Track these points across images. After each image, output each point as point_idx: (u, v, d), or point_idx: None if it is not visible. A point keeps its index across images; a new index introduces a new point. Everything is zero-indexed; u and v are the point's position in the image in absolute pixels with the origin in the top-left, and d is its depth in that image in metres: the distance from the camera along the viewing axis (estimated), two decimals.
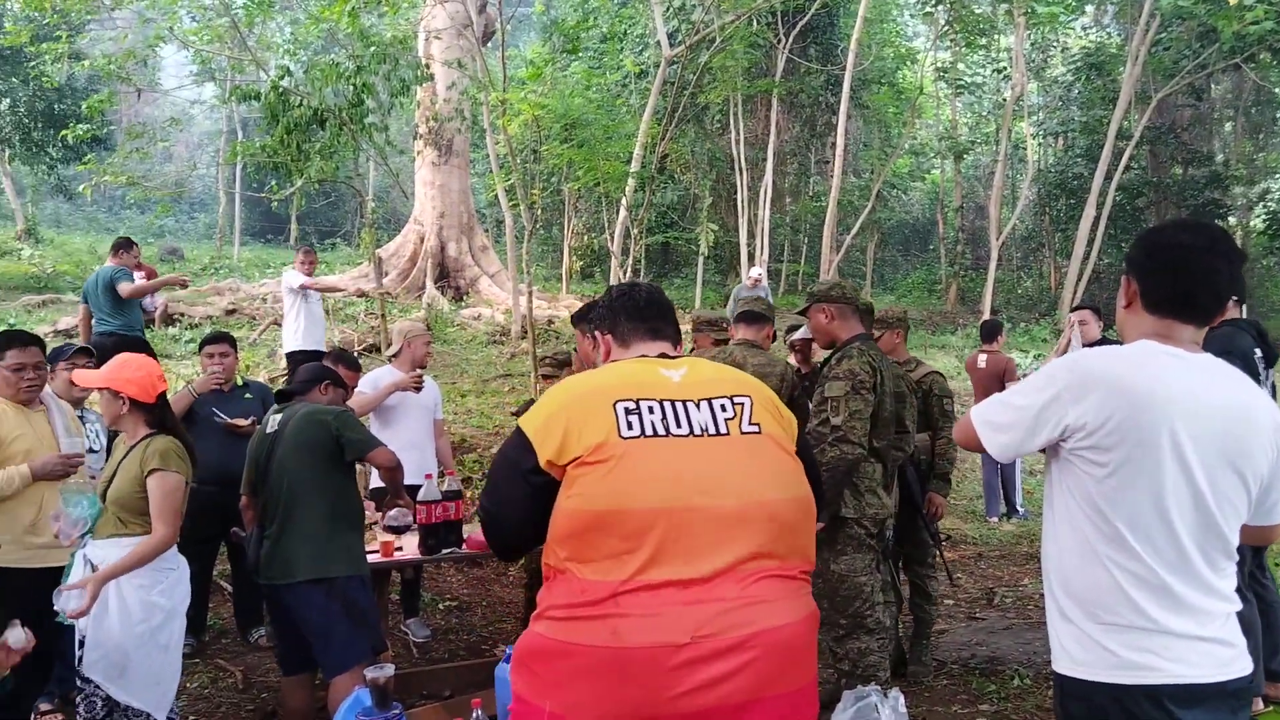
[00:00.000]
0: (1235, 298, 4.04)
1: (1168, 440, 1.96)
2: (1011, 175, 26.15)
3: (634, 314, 2.36)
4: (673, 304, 2.46)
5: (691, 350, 5.33)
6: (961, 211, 26.25)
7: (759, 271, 13.96)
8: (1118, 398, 1.97)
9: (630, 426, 2.02)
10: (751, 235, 20.14)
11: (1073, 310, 7.38)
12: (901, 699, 4.04)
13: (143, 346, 8.33)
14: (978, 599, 6.42)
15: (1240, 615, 3.84)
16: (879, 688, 3.95)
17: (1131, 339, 2.12)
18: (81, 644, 3.44)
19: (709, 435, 2.06)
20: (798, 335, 5.21)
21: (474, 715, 2.82)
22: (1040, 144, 27.53)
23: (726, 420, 2.10)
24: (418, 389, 5.61)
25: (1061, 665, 2.09)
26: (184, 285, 9.48)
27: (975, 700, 4.66)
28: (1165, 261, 2.10)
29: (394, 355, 5.70)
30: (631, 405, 2.04)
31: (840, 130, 18.26)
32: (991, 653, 5.32)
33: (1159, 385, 1.98)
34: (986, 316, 19.28)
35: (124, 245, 8.26)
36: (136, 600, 3.43)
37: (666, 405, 2.07)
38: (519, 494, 2.08)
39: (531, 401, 3.78)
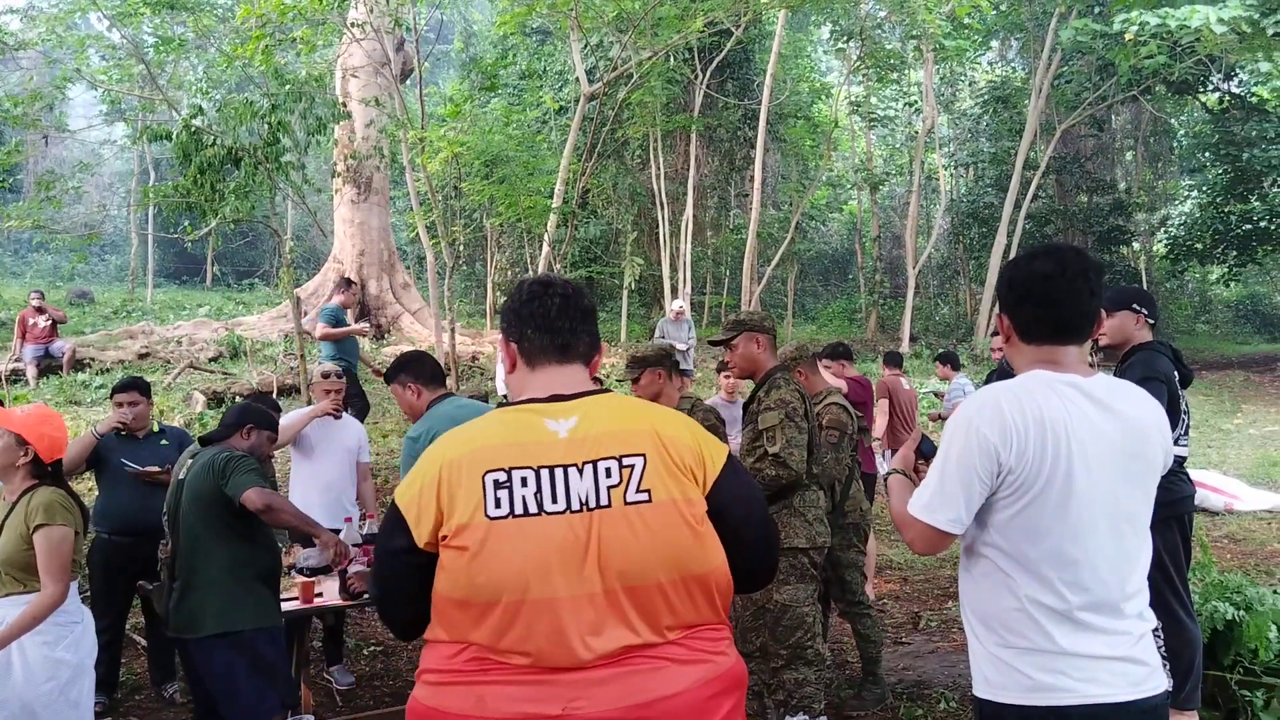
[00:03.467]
0: (1150, 320, 4.18)
1: (1074, 469, 2.01)
2: (926, 205, 26.80)
3: (544, 326, 2.02)
4: (593, 307, 2.13)
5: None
6: (879, 241, 26.79)
7: (682, 304, 14.07)
8: (1026, 432, 2.02)
9: (498, 504, 1.81)
10: (674, 269, 20.28)
11: (993, 335, 7.56)
12: None
13: (351, 380, 8.66)
14: (903, 623, 6.49)
15: (1180, 634, 3.94)
16: (808, 719, 3.98)
17: (1022, 370, 2.17)
18: None
19: (588, 510, 1.83)
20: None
21: None
22: (952, 175, 28.32)
23: (610, 489, 1.85)
24: (336, 415, 5.59)
25: (979, 689, 2.13)
26: (365, 334, 9.97)
27: None
28: (1027, 294, 2.16)
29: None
30: (502, 477, 1.82)
31: (758, 164, 18.58)
32: (918, 677, 5.38)
33: (1059, 416, 2.03)
34: (905, 344, 19.74)
35: (342, 285, 9.19)
36: (39, 658, 3.31)
37: (543, 475, 1.84)
38: (401, 575, 1.91)
39: None
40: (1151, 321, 4.19)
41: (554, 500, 1.83)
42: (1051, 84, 20.25)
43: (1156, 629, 2.15)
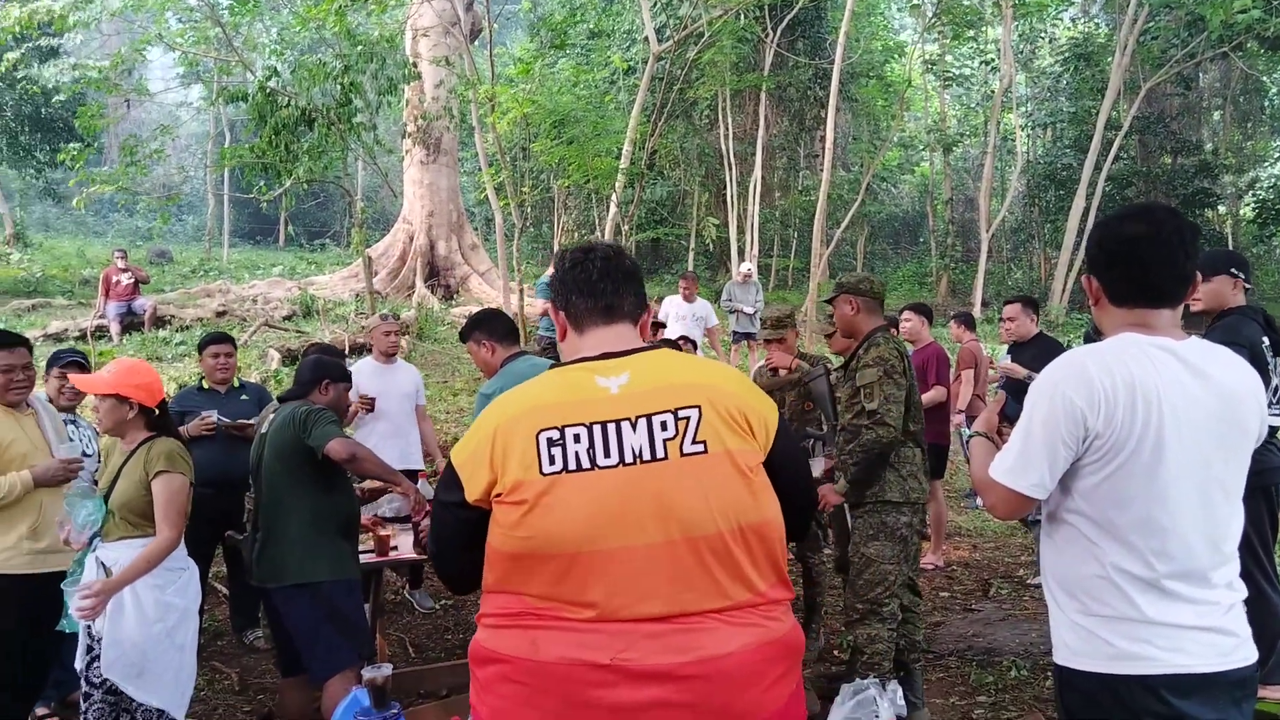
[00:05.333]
0: (1246, 283, 4.04)
1: (1165, 435, 1.95)
2: (1000, 167, 26.18)
3: (586, 290, 2.07)
4: (637, 268, 2.17)
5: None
6: (951, 204, 26.29)
7: (749, 266, 13.96)
8: (1115, 397, 1.96)
9: (552, 461, 1.85)
10: (741, 230, 20.14)
11: (1006, 303, 7.25)
12: (900, 691, 4.08)
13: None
14: (973, 590, 6.43)
15: (1265, 608, 3.84)
16: (878, 680, 3.98)
17: (1111, 333, 2.10)
18: (92, 646, 3.47)
19: (642, 462, 1.85)
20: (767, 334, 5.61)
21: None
22: (1029, 135, 27.58)
23: (665, 441, 1.87)
24: (369, 410, 5.77)
25: (1060, 656, 2.09)
26: None
27: (973, 692, 4.68)
28: (1119, 256, 2.08)
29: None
30: (555, 435, 1.86)
31: (829, 124, 18.25)
32: (988, 644, 5.34)
33: (1151, 380, 1.97)
34: (977, 308, 19.40)
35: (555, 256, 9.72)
36: (151, 600, 3.46)
37: (595, 430, 1.87)
38: (453, 529, 2.00)
39: None
40: (1247, 286, 4.06)
41: (607, 455, 1.86)
42: (1137, 40, 19.54)
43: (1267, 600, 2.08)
